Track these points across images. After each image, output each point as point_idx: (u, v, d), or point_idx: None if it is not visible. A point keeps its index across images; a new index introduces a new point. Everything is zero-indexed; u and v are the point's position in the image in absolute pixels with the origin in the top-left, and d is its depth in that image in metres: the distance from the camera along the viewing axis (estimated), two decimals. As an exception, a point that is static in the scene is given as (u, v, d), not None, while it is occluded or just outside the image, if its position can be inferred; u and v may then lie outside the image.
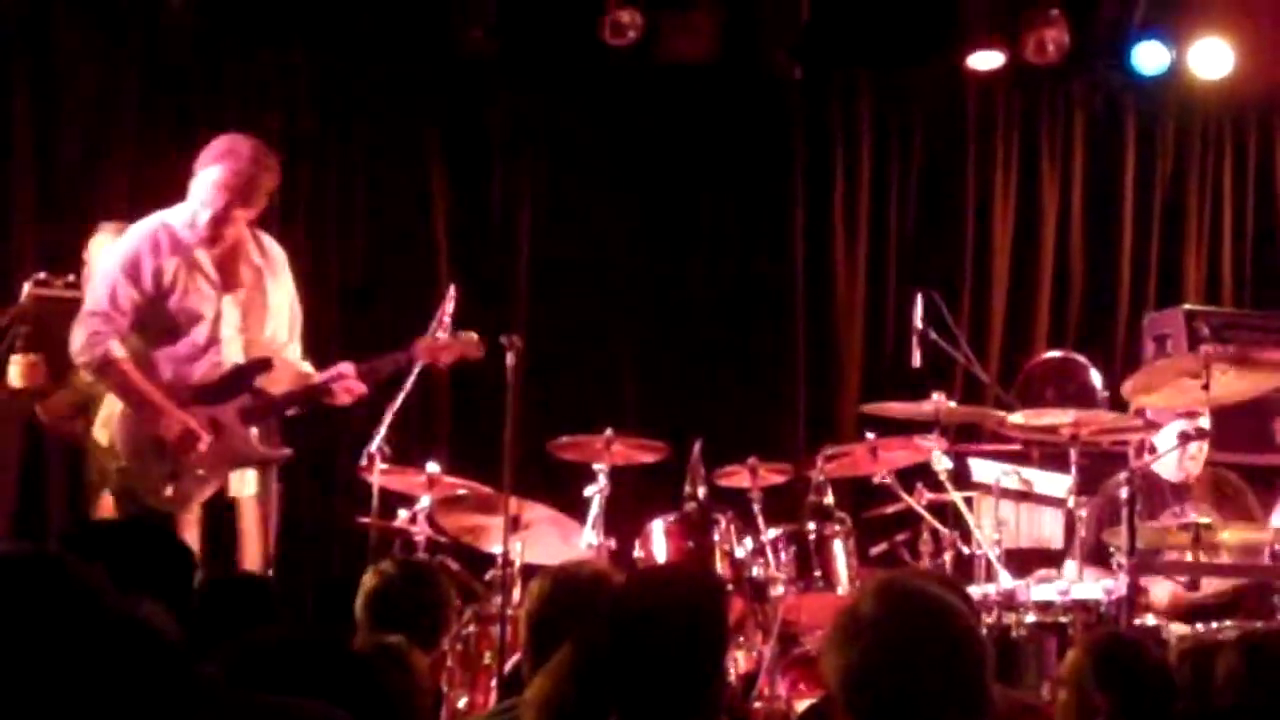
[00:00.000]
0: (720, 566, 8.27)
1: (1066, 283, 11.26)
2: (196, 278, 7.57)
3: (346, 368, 7.76)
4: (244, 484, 7.68)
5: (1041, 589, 7.78)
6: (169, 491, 7.46)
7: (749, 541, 8.36)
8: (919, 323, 8.97)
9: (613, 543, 8.45)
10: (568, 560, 6.02)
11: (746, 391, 10.61)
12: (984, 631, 4.99)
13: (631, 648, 3.71)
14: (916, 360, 8.98)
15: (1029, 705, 5.32)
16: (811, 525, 8.33)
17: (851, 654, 3.39)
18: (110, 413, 7.71)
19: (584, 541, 8.34)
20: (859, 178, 11.08)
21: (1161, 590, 8.23)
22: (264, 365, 7.66)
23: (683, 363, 10.62)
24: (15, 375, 8.03)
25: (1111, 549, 7.74)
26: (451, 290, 8.40)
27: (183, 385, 7.54)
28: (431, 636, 5.95)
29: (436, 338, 7.87)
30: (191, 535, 7.50)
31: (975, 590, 7.76)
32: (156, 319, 7.55)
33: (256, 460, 7.70)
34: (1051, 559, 8.59)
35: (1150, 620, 7.76)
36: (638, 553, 8.39)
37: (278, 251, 7.88)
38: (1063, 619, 7.62)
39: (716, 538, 8.32)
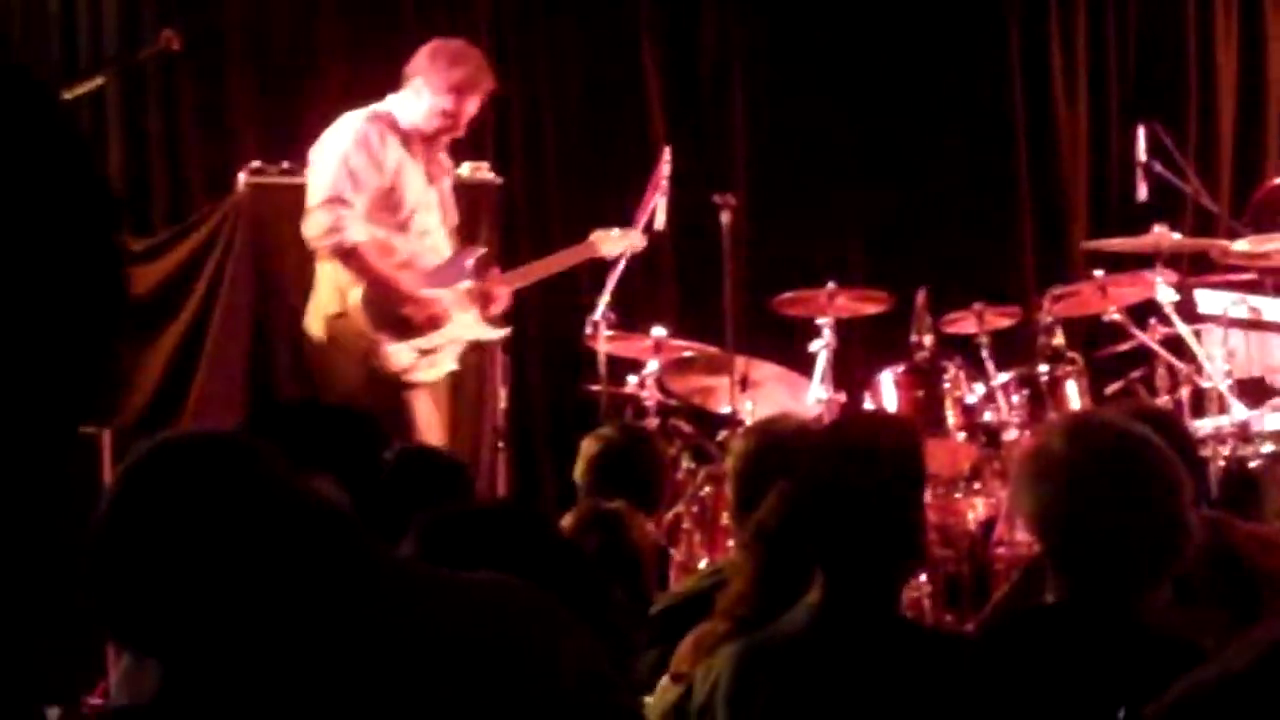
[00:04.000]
0: (951, 414, 8.23)
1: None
2: (415, 168, 7.78)
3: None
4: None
5: (1276, 417, 7.65)
6: (419, 370, 7.65)
7: (979, 387, 8.30)
8: (1142, 156, 8.77)
9: (842, 396, 8.45)
10: (770, 414, 6.04)
11: (970, 236, 10.33)
12: (1197, 463, 4.92)
13: (827, 494, 3.74)
14: (1142, 194, 8.77)
15: (1266, 537, 5.22)
16: (1043, 367, 8.25)
17: (1042, 493, 3.49)
18: (319, 303, 7.75)
19: (812, 397, 8.35)
20: (1075, 8, 10.74)
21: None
22: (479, 250, 8.01)
23: (904, 210, 10.37)
24: None
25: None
26: (666, 152, 8.44)
27: (418, 269, 7.72)
28: (652, 500, 6.02)
29: (609, 231, 8.24)
30: (439, 409, 7.89)
31: (1208, 423, 7.65)
32: (386, 206, 7.69)
33: (484, 339, 8.04)
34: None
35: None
36: (868, 405, 8.37)
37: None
38: (1300, 446, 7.49)
39: (946, 385, 8.27)
